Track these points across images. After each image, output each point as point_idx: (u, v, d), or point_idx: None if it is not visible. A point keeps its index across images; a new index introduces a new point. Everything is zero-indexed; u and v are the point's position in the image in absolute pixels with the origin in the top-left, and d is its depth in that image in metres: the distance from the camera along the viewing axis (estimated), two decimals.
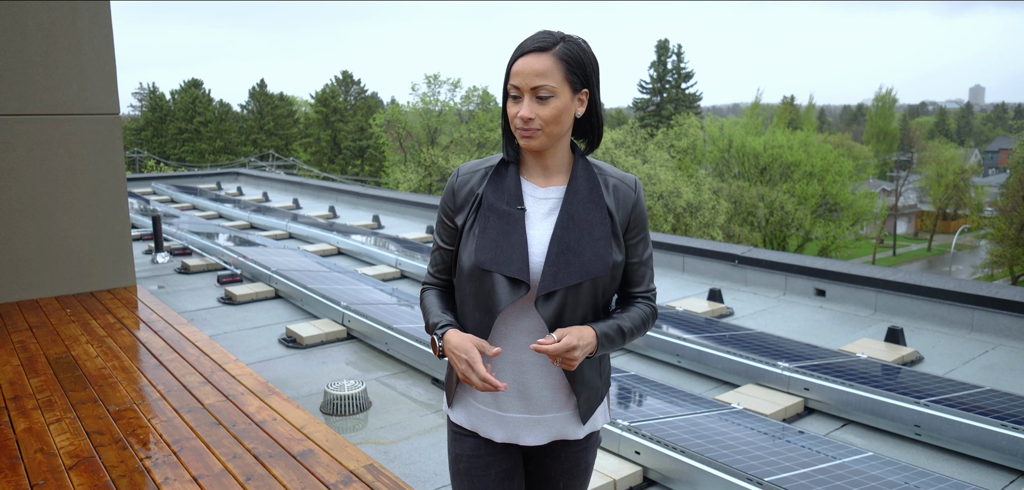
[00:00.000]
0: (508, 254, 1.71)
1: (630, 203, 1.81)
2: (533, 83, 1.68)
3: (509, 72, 1.72)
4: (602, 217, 1.75)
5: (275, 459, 3.20)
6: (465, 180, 1.81)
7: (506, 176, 1.79)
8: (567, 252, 1.71)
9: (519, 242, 1.72)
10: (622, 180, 1.82)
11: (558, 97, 1.69)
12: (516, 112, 1.71)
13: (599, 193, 1.77)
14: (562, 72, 1.68)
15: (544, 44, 1.69)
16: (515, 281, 1.70)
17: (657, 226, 27.30)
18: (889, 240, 50.49)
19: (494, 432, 1.84)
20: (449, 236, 1.84)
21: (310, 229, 11.04)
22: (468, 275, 1.75)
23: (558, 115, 1.70)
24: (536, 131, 1.70)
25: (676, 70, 49.77)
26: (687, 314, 6.30)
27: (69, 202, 6.01)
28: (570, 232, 1.72)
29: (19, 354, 4.59)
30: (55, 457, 3.21)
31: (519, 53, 1.70)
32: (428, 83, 37.66)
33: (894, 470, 3.53)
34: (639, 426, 3.80)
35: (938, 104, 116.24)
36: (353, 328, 5.94)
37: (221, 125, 56.88)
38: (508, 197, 1.76)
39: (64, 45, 5.84)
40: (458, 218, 1.80)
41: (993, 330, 5.86)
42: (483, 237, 1.73)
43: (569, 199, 1.75)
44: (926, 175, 48.98)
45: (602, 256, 1.73)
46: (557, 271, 1.70)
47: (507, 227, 1.73)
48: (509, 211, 1.74)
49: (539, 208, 1.77)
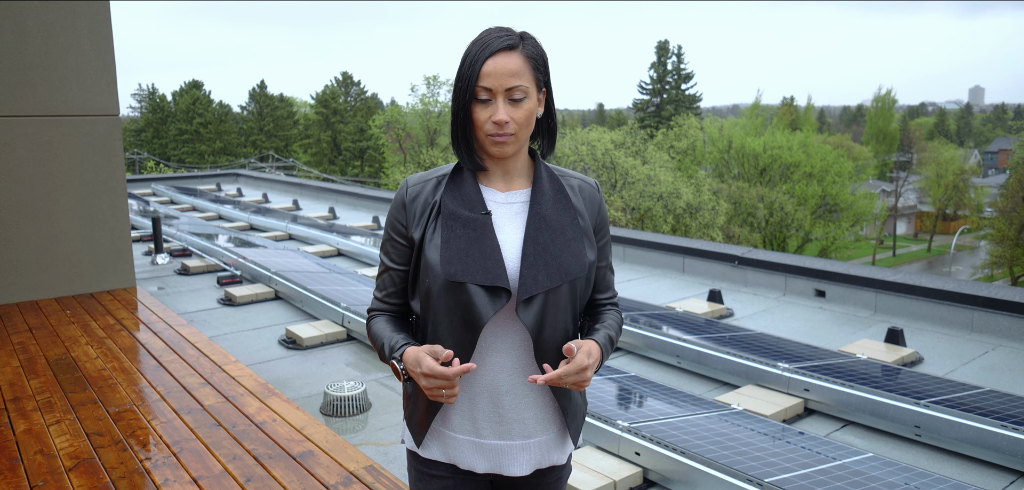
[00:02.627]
0: (480, 262, 1.56)
1: (595, 205, 1.72)
2: (508, 84, 1.54)
3: (477, 73, 1.54)
4: (572, 217, 1.65)
5: (275, 460, 3.20)
6: (416, 191, 1.65)
7: (464, 182, 1.64)
8: (544, 253, 1.59)
9: (491, 248, 1.57)
10: (585, 182, 1.73)
11: (529, 98, 1.57)
12: (488, 116, 1.56)
13: (565, 194, 1.67)
14: (531, 71, 1.57)
15: (512, 42, 1.56)
16: (493, 289, 1.56)
17: (657, 227, 27.29)
18: (889, 241, 50.50)
19: (475, 462, 1.67)
20: (400, 255, 1.68)
21: (310, 230, 11.04)
22: (439, 292, 1.58)
23: (530, 117, 1.59)
24: (510, 136, 1.56)
25: (676, 71, 49.81)
26: (687, 315, 6.30)
27: (69, 203, 6.01)
28: (543, 233, 1.60)
29: (19, 355, 4.59)
30: (55, 458, 3.21)
31: (488, 52, 1.54)
32: (427, 84, 37.71)
33: (894, 471, 3.53)
34: (639, 427, 3.80)
35: (937, 105, 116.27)
36: (353, 329, 5.93)
37: (221, 126, 56.89)
38: (469, 203, 1.61)
39: (64, 46, 5.84)
40: (413, 232, 1.64)
41: (993, 331, 5.86)
42: (449, 247, 1.57)
43: (536, 200, 1.63)
44: (926, 176, 49.01)
45: (578, 256, 1.63)
46: (536, 273, 1.57)
47: (474, 234, 1.58)
48: (474, 217, 1.59)
49: (504, 212, 1.64)
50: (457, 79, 1.60)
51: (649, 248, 8.73)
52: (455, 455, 1.68)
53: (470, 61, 1.56)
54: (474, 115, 1.58)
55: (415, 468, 1.76)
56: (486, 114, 1.56)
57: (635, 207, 27.08)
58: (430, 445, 1.70)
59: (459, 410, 1.66)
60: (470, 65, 1.56)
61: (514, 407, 1.65)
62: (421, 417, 1.69)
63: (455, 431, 1.67)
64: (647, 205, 26.99)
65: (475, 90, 1.55)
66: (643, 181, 26.94)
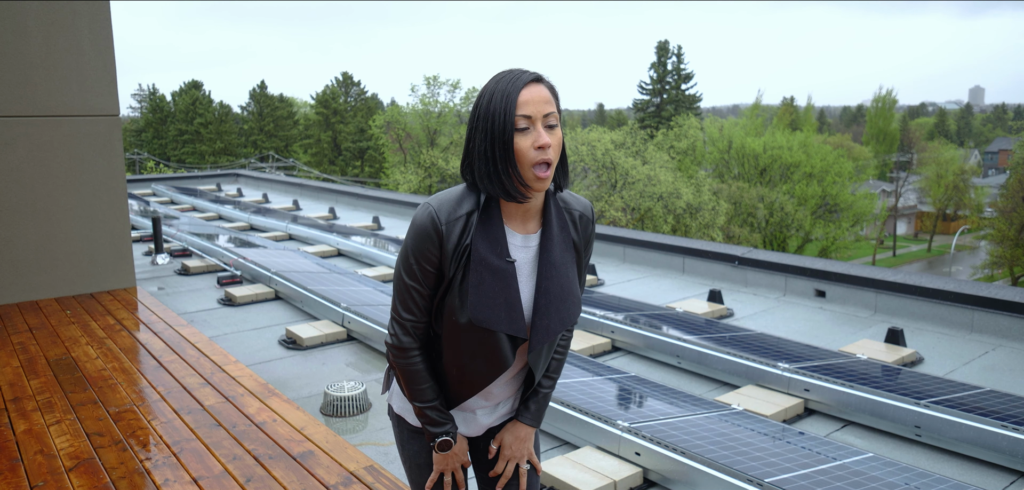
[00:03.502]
0: (506, 312, 1.68)
1: (589, 231, 1.84)
2: (544, 110, 1.61)
3: (515, 103, 1.59)
4: (572, 258, 1.77)
5: (275, 460, 3.20)
6: (450, 229, 1.66)
7: (492, 224, 1.68)
8: (554, 302, 1.72)
9: (515, 300, 1.69)
10: (584, 209, 1.82)
11: (559, 127, 1.65)
12: (530, 143, 1.59)
13: (568, 232, 1.78)
14: (556, 103, 1.65)
15: (537, 76, 1.64)
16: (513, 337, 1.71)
17: (657, 227, 27.29)
18: (889, 241, 50.50)
19: (465, 429, 1.90)
20: (429, 280, 1.71)
21: (310, 230, 11.04)
22: (465, 327, 1.69)
23: (560, 146, 1.66)
24: (551, 162, 1.62)
25: (676, 71, 49.80)
26: (687, 315, 6.30)
27: (69, 203, 6.01)
28: (552, 282, 1.72)
29: (19, 355, 4.59)
30: (55, 459, 3.21)
31: (521, 83, 1.60)
32: (427, 84, 37.67)
33: (894, 471, 3.53)
34: (639, 427, 3.80)
35: (938, 105, 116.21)
36: (353, 329, 5.93)
37: (221, 126, 56.90)
38: (497, 249, 1.68)
39: (64, 46, 5.84)
40: (447, 265, 1.68)
41: (993, 331, 5.86)
42: (478, 293, 1.65)
43: (545, 246, 1.72)
44: (926, 176, 49.02)
45: (576, 300, 1.78)
46: (548, 323, 1.72)
47: (501, 284, 1.67)
48: (501, 266, 1.67)
49: (521, 257, 1.73)
50: (489, 115, 1.61)
51: (649, 248, 8.73)
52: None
53: (503, 95, 1.59)
54: (516, 145, 1.59)
55: (405, 429, 1.92)
56: (528, 141, 1.59)
57: (635, 207, 27.08)
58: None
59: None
60: (504, 99, 1.59)
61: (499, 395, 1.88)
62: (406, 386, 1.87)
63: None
64: (647, 205, 27.00)
65: (515, 120, 1.58)
66: (643, 181, 26.93)
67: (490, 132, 1.60)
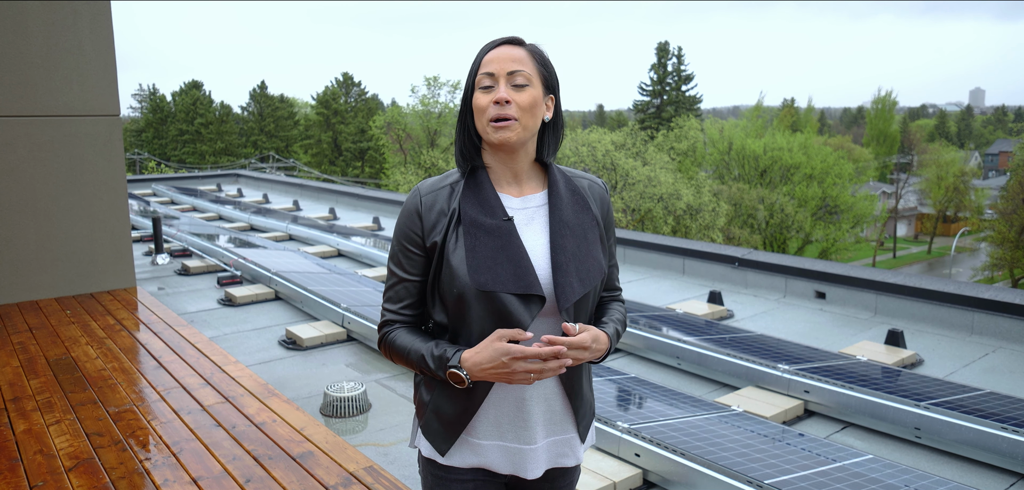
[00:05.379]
0: (511, 270, 1.55)
1: (606, 206, 1.73)
2: (509, 67, 1.56)
3: (478, 64, 1.59)
4: (591, 222, 1.66)
5: (275, 461, 3.20)
6: (431, 200, 1.61)
7: (481, 187, 1.61)
8: (574, 259, 1.59)
9: (520, 255, 1.56)
10: (593, 182, 1.74)
11: (533, 86, 1.58)
12: (489, 99, 1.56)
13: (583, 199, 1.68)
14: (535, 66, 1.60)
15: (517, 39, 1.62)
16: (527, 297, 1.55)
17: (657, 228, 27.28)
18: (889, 243, 50.48)
19: (499, 464, 1.67)
20: (415, 265, 1.63)
21: (310, 231, 11.04)
22: (470, 301, 1.55)
23: (534, 105, 1.58)
24: (512, 119, 1.56)
25: (676, 72, 49.79)
26: (687, 316, 6.30)
27: (69, 203, 6.01)
28: (568, 239, 1.61)
29: (19, 355, 4.59)
30: (55, 458, 3.21)
31: (492, 44, 1.60)
32: (428, 85, 37.69)
33: (894, 473, 3.53)
34: (639, 428, 3.80)
35: (938, 107, 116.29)
36: (353, 330, 5.93)
37: (221, 127, 56.92)
38: (489, 209, 1.59)
39: (64, 46, 5.84)
40: (432, 239, 1.60)
41: (993, 333, 5.86)
42: (475, 256, 1.54)
43: (555, 205, 1.63)
44: (926, 178, 49.01)
45: (599, 261, 1.65)
46: (571, 280, 1.57)
47: (499, 241, 1.56)
48: (496, 224, 1.57)
49: (520, 217, 1.63)
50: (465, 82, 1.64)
51: (649, 249, 8.73)
52: (479, 460, 1.67)
53: (477, 57, 1.61)
54: (475, 101, 1.59)
55: (433, 474, 1.72)
56: (488, 98, 1.57)
57: (635, 208, 27.08)
58: (460, 452, 1.68)
59: (485, 416, 1.65)
60: (475, 60, 1.61)
61: (536, 410, 1.65)
62: (448, 426, 1.67)
63: (480, 437, 1.66)
64: (647, 206, 26.99)
65: (478, 78, 1.58)
66: (643, 182, 26.93)
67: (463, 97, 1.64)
